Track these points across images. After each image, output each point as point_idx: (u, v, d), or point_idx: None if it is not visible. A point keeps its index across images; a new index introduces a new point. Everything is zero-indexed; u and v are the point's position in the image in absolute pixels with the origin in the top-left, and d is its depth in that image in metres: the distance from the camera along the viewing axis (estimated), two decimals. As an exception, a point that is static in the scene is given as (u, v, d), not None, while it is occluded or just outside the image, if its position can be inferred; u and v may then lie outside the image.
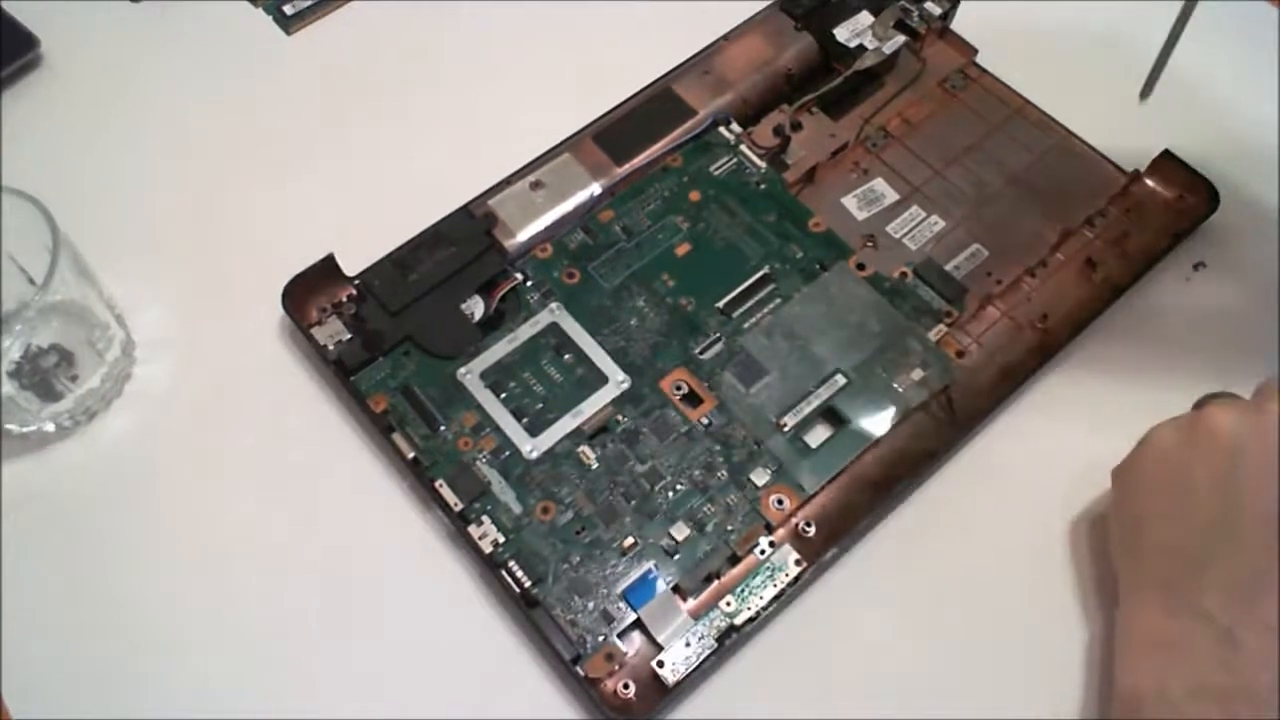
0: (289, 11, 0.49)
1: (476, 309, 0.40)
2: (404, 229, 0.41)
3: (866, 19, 0.46)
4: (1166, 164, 0.43)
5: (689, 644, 0.34)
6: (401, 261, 0.40)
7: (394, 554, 0.37)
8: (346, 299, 0.40)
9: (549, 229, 0.42)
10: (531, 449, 0.37)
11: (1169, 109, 0.42)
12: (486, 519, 0.36)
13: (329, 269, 0.40)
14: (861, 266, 0.41)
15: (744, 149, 0.44)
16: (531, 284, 0.41)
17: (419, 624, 0.36)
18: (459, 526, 0.36)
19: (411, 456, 0.37)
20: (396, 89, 0.47)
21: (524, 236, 0.42)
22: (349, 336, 0.39)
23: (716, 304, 0.40)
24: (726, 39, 0.47)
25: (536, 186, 0.43)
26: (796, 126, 0.44)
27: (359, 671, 0.35)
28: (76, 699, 0.34)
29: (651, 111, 0.45)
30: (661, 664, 0.33)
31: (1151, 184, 0.43)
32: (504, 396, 0.38)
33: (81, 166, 0.45)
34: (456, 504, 0.36)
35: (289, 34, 0.49)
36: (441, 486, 0.36)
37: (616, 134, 0.44)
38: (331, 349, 0.39)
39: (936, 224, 0.43)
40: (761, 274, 0.41)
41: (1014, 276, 0.41)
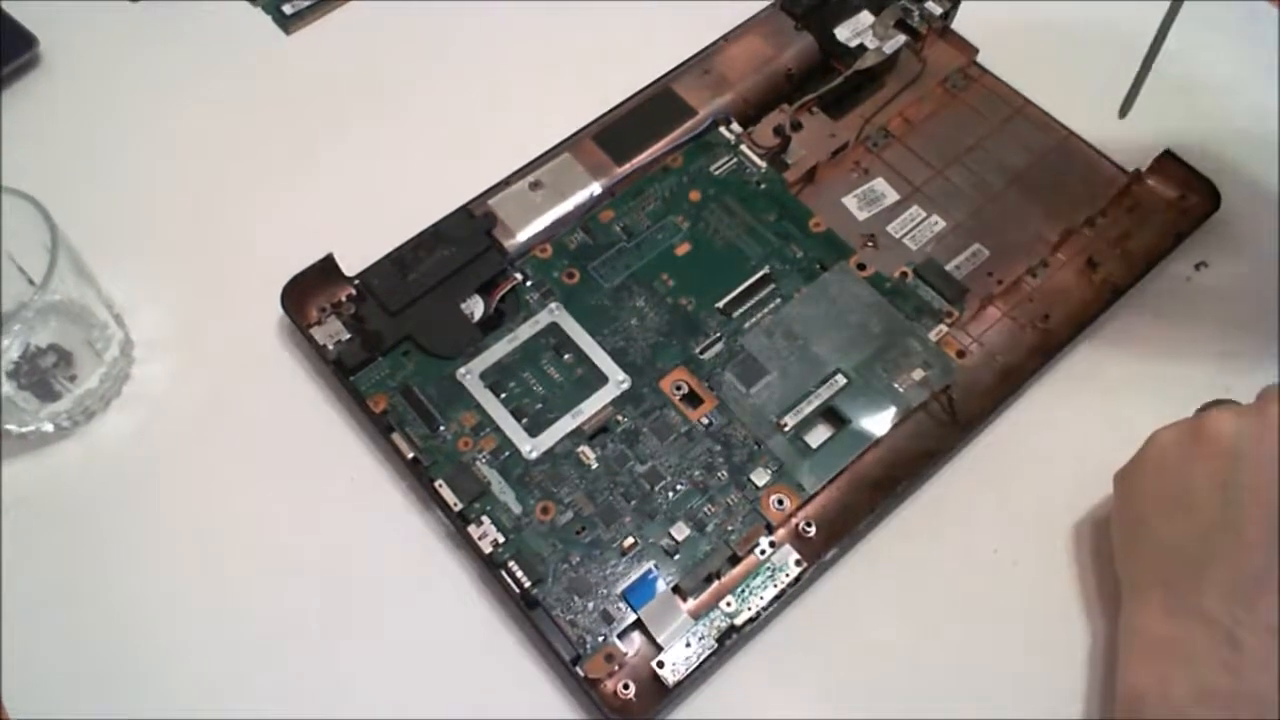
0: (288, 11, 0.49)
1: (476, 309, 0.40)
2: (404, 229, 0.41)
3: (867, 18, 0.46)
4: (1168, 163, 0.43)
5: (689, 644, 0.34)
6: (401, 261, 0.40)
7: (394, 554, 0.37)
8: (346, 299, 0.40)
9: (549, 229, 0.42)
10: (531, 449, 0.37)
11: (1170, 109, 0.42)
12: (486, 519, 0.36)
13: (328, 269, 0.40)
14: (862, 266, 0.41)
15: (744, 149, 0.44)
16: (531, 284, 0.41)
17: (419, 624, 0.35)
18: (459, 526, 0.36)
19: (411, 456, 0.37)
20: (396, 88, 0.47)
21: (524, 236, 0.42)
22: (348, 336, 0.39)
23: (717, 304, 0.40)
24: (726, 39, 0.47)
25: (536, 186, 0.43)
26: (797, 126, 0.44)
27: (359, 671, 0.35)
28: (76, 699, 0.34)
29: (651, 111, 0.44)
30: (661, 664, 0.33)
31: (1153, 184, 0.43)
32: (504, 396, 0.38)
33: (80, 166, 0.45)
34: (456, 504, 0.36)
35: (288, 33, 0.49)
36: (441, 486, 0.36)
37: (616, 134, 0.44)
38: (331, 349, 0.39)
39: (937, 224, 0.43)
40: (762, 274, 0.41)
41: (1015, 276, 0.41)
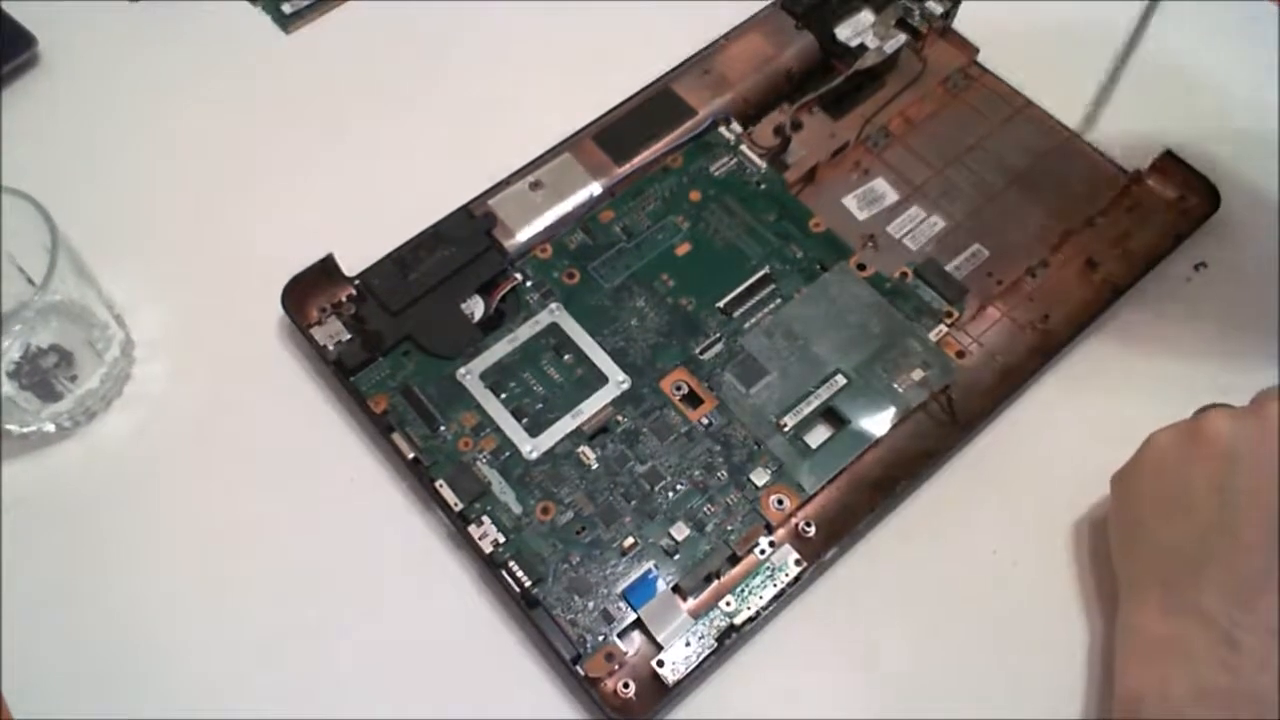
0: (287, 10, 0.49)
1: (476, 309, 0.40)
2: (404, 229, 0.41)
3: (868, 18, 0.46)
4: (1167, 164, 0.43)
5: (689, 644, 0.34)
6: (401, 261, 0.40)
7: (394, 554, 0.37)
8: (346, 299, 0.40)
9: (549, 229, 0.42)
10: (531, 449, 0.37)
11: (1170, 109, 0.42)
12: (486, 519, 0.36)
13: (328, 269, 0.40)
14: (862, 266, 0.41)
15: (744, 149, 0.44)
16: (531, 284, 0.41)
17: (419, 624, 0.36)
18: (459, 526, 0.36)
19: (411, 456, 0.37)
20: (395, 88, 0.47)
21: (524, 236, 0.42)
22: (349, 336, 0.39)
23: (717, 304, 0.40)
24: (726, 38, 0.47)
25: (536, 186, 0.43)
26: (797, 126, 0.44)
27: (359, 671, 0.35)
28: (76, 699, 0.34)
29: (651, 111, 0.44)
30: (661, 664, 0.33)
31: (1152, 184, 0.43)
32: (504, 396, 0.38)
33: (80, 166, 0.45)
34: (456, 504, 0.36)
35: (287, 33, 0.49)
36: (441, 486, 0.36)
37: (616, 134, 0.44)
38: (331, 349, 0.39)
39: (937, 224, 0.43)
40: (762, 274, 0.41)
41: (1014, 276, 0.41)
